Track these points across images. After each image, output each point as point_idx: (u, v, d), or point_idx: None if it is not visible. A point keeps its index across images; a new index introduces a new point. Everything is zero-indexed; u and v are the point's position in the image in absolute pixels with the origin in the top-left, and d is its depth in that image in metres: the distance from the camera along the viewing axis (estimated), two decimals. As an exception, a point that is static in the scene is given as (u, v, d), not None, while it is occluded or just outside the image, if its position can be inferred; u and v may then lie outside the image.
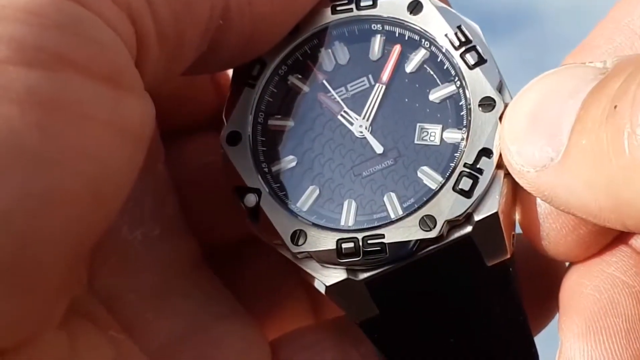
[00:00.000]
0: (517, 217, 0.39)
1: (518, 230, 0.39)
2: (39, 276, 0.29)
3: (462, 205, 0.36)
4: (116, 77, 0.31)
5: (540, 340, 0.41)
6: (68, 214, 0.29)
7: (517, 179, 0.34)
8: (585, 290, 0.36)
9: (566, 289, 0.38)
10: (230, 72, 0.42)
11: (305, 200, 0.39)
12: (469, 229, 0.37)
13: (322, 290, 0.38)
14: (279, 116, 0.40)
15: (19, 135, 0.28)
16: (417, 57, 0.39)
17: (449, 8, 0.39)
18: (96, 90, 0.30)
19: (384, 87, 0.39)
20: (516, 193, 0.38)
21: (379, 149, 0.38)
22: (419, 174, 0.38)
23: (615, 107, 0.30)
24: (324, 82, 0.40)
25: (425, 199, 0.37)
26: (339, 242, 0.37)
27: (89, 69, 0.30)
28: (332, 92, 0.40)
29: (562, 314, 0.37)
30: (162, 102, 0.35)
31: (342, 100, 0.39)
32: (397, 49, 0.39)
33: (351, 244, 0.37)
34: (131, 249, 0.40)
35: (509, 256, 0.37)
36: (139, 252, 0.40)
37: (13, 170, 0.28)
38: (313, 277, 0.38)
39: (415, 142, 0.38)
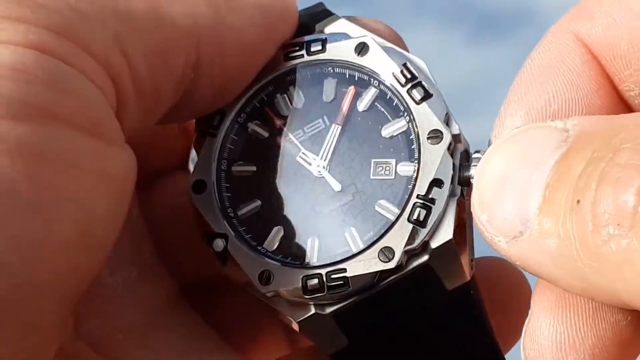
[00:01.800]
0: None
1: (478, 253, 0.41)
2: (33, 320, 0.30)
3: (417, 235, 0.38)
4: (99, 129, 0.33)
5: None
6: (60, 260, 0.31)
7: (491, 246, 0.35)
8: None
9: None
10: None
11: (271, 240, 0.40)
12: (426, 257, 0.38)
13: (296, 328, 0.39)
14: (241, 162, 0.42)
15: (9, 184, 0.29)
16: (368, 96, 0.41)
17: (394, 47, 0.41)
18: (81, 141, 0.32)
19: (339, 127, 0.41)
20: (470, 218, 0.39)
21: (336, 186, 0.40)
22: (377, 208, 0.39)
23: (578, 201, 0.31)
24: (282, 126, 0.42)
25: (383, 231, 0.39)
26: (304, 279, 0.39)
27: (73, 121, 0.32)
28: (290, 135, 0.41)
29: (537, 287, 0.38)
30: (133, 149, 0.37)
31: (300, 142, 0.41)
32: (351, 90, 0.41)
33: (316, 280, 0.38)
34: (112, 291, 0.41)
35: (468, 279, 0.39)
36: (120, 294, 0.42)
37: (6, 217, 0.29)
38: (284, 315, 0.39)
39: (372, 177, 0.40)
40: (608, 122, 0.33)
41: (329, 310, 0.39)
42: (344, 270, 0.38)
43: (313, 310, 0.39)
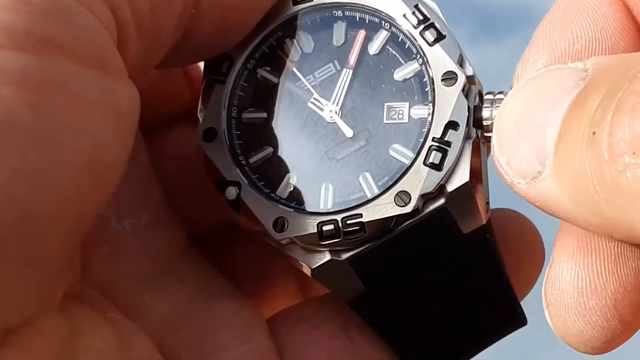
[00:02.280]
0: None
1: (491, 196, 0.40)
2: (41, 252, 0.30)
3: (434, 178, 0.38)
4: (102, 62, 0.33)
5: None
6: (67, 191, 0.30)
7: (511, 188, 0.35)
8: None
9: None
10: (201, 66, 0.43)
11: (284, 187, 0.40)
12: (442, 200, 0.38)
13: (309, 273, 0.39)
14: (252, 109, 0.41)
15: (14, 115, 0.29)
16: (379, 39, 0.40)
17: None
18: (85, 73, 0.32)
19: (350, 71, 0.40)
20: (483, 161, 0.39)
21: (348, 132, 0.39)
22: (391, 152, 0.39)
23: (594, 133, 0.30)
24: (292, 71, 0.41)
25: (398, 176, 0.38)
26: (320, 225, 0.38)
27: (76, 53, 0.32)
28: (301, 80, 0.41)
29: (559, 233, 0.38)
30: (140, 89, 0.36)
31: (310, 87, 0.41)
32: (361, 33, 0.41)
33: (331, 226, 0.38)
34: (121, 238, 0.41)
35: (484, 222, 0.39)
36: (129, 241, 0.41)
37: (11, 148, 0.29)
38: (298, 262, 0.39)
39: (385, 121, 0.39)
40: (625, 58, 0.33)
41: (344, 256, 0.38)
42: (360, 215, 0.38)
43: (329, 257, 0.38)
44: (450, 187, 0.38)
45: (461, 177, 0.38)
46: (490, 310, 0.41)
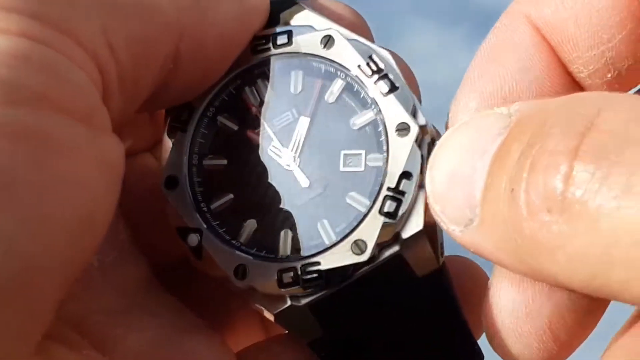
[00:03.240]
0: None
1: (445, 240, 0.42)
2: (39, 301, 0.31)
3: (389, 227, 0.39)
4: (91, 116, 0.34)
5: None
6: (63, 239, 0.31)
7: (449, 235, 0.37)
8: None
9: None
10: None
11: (245, 234, 0.41)
12: (397, 247, 0.39)
13: (271, 318, 0.40)
14: (212, 156, 0.42)
15: (13, 168, 0.30)
16: (335, 88, 0.41)
17: (359, 39, 0.41)
18: (76, 127, 0.33)
19: (308, 119, 0.42)
20: None
21: (304, 182, 0.41)
22: (348, 200, 0.40)
23: (513, 190, 0.32)
24: (251, 119, 0.42)
25: (355, 224, 0.39)
26: (279, 272, 0.39)
27: (67, 108, 0.33)
28: (259, 128, 0.42)
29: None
30: None
31: (269, 134, 0.42)
32: (318, 82, 0.42)
33: (291, 274, 0.39)
34: (89, 274, 0.42)
35: (438, 266, 0.40)
36: (98, 276, 0.42)
37: (13, 199, 0.30)
38: (259, 307, 0.40)
39: (341, 169, 0.41)
40: (544, 107, 0.34)
41: (304, 301, 0.40)
42: (318, 263, 0.39)
43: (289, 302, 0.40)
44: (405, 235, 0.39)
45: (415, 225, 0.39)
46: (448, 349, 0.42)
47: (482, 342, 0.43)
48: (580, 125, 0.31)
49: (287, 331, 0.42)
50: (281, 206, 0.41)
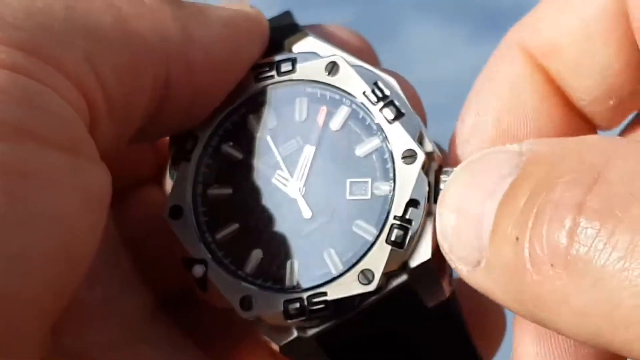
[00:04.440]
0: None
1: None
2: (14, 339, 0.31)
3: (396, 256, 0.38)
4: (75, 146, 0.33)
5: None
6: (41, 276, 0.31)
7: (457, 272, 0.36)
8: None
9: (517, 321, 0.39)
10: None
11: (250, 264, 0.40)
12: (405, 276, 0.39)
13: (277, 349, 0.40)
14: (217, 185, 0.42)
15: None
16: (341, 115, 0.41)
17: (364, 65, 0.41)
18: (58, 158, 0.32)
19: (313, 147, 0.41)
20: None
21: (307, 213, 0.40)
22: (354, 229, 0.40)
23: (517, 239, 0.31)
24: (256, 147, 0.42)
25: (362, 253, 0.39)
26: (285, 303, 0.39)
27: (49, 139, 0.32)
28: (264, 156, 0.41)
29: (516, 319, 0.39)
30: (106, 165, 0.37)
31: (274, 163, 0.41)
32: (323, 109, 0.41)
33: (297, 304, 0.39)
34: (92, 306, 0.41)
35: (447, 296, 0.40)
36: (100, 309, 0.42)
37: None
38: (266, 339, 0.40)
39: (348, 197, 0.40)
40: (556, 147, 0.33)
41: (310, 332, 0.39)
42: (325, 294, 0.39)
43: (295, 334, 0.39)
44: (413, 264, 0.39)
45: (423, 254, 0.38)
46: None
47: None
48: (587, 177, 0.30)
49: None
50: (287, 235, 0.40)
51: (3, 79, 0.32)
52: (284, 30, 0.43)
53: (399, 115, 0.40)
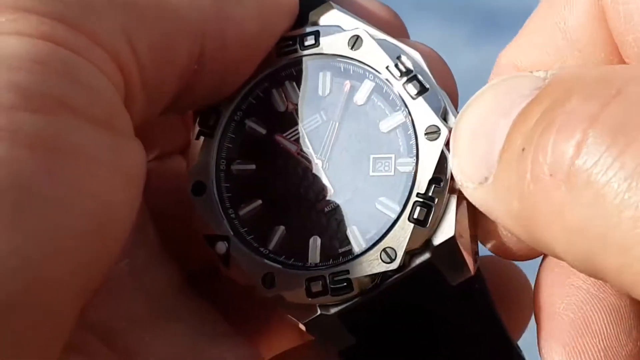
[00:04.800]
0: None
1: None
2: (53, 315, 0.31)
3: (419, 234, 0.38)
4: (112, 121, 0.33)
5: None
6: (78, 254, 0.31)
7: (462, 191, 0.36)
8: (558, 309, 0.37)
9: (540, 307, 0.39)
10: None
11: (273, 241, 0.40)
12: (428, 255, 0.38)
13: (300, 327, 0.39)
14: (240, 161, 0.41)
15: (29, 178, 0.30)
16: (365, 90, 0.40)
17: (388, 39, 0.40)
18: (95, 134, 0.32)
19: (337, 122, 0.40)
20: (474, 212, 0.39)
21: (331, 189, 0.40)
22: (377, 206, 0.39)
23: (523, 149, 0.31)
24: (280, 122, 0.41)
25: (385, 230, 0.38)
26: (308, 281, 0.38)
27: (87, 113, 0.32)
28: (288, 131, 0.41)
29: (541, 337, 0.38)
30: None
31: (297, 139, 0.41)
32: (346, 84, 0.41)
33: (319, 282, 0.38)
34: (118, 279, 0.41)
35: (472, 274, 0.39)
36: (126, 281, 0.42)
37: (25, 212, 0.29)
38: (288, 316, 0.40)
39: (371, 174, 0.39)
40: (579, 72, 0.33)
41: (333, 310, 0.39)
42: (347, 272, 0.38)
43: (318, 312, 0.39)
44: (436, 242, 0.38)
45: (446, 231, 0.38)
46: (488, 356, 0.41)
47: (522, 343, 0.42)
48: (605, 93, 0.29)
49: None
50: (310, 211, 0.40)
51: (45, 51, 0.32)
52: (309, 2, 0.42)
53: (422, 90, 0.39)
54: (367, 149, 0.40)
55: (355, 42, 0.40)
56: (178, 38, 0.37)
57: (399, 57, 0.39)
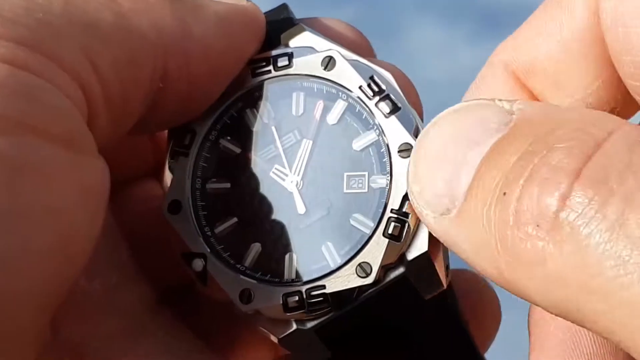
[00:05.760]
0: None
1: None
2: (11, 332, 0.31)
3: (393, 249, 0.39)
4: (73, 140, 0.34)
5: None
6: (39, 269, 0.31)
7: (420, 219, 0.37)
8: (549, 329, 0.39)
9: (533, 327, 0.40)
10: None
11: (249, 258, 0.41)
12: (402, 269, 0.39)
13: (276, 341, 0.40)
14: (215, 179, 0.42)
15: None
16: (337, 109, 0.41)
17: (360, 60, 0.41)
18: (56, 152, 0.33)
19: (310, 141, 0.41)
20: None
21: (301, 209, 0.40)
22: (352, 222, 0.40)
23: (505, 194, 0.31)
24: (254, 141, 0.42)
25: (360, 246, 0.39)
26: (284, 296, 0.39)
27: (48, 133, 0.32)
28: (262, 150, 0.42)
29: (532, 355, 0.39)
30: (105, 158, 0.37)
31: (271, 158, 0.42)
32: (319, 103, 0.41)
33: (296, 297, 0.39)
34: (91, 298, 0.42)
35: (444, 287, 0.40)
36: (99, 300, 0.42)
37: None
38: (265, 332, 0.40)
39: (345, 191, 0.40)
40: (551, 113, 0.34)
41: (309, 325, 0.39)
42: (323, 287, 0.39)
43: (294, 326, 0.39)
44: (410, 256, 0.39)
45: (420, 246, 0.39)
46: None
47: (489, 355, 0.43)
48: (587, 146, 0.30)
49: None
50: (285, 229, 0.41)
51: (3, 73, 0.32)
52: (280, 24, 0.43)
53: (395, 109, 0.40)
54: (340, 167, 0.41)
55: (329, 62, 0.41)
56: (140, 56, 0.37)
57: (371, 77, 0.40)
